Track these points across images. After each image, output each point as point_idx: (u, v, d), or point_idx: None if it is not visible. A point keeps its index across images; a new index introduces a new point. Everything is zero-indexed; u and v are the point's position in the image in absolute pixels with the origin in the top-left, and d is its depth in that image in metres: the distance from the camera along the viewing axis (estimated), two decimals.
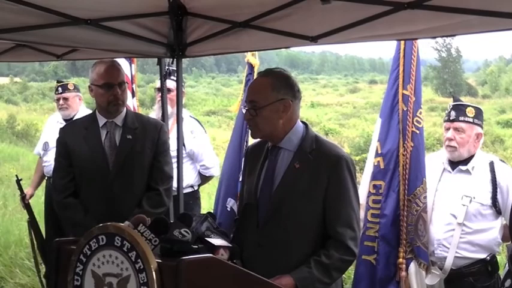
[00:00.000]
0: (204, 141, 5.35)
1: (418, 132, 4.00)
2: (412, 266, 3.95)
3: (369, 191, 4.06)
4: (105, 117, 3.78)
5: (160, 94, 5.17)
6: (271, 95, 2.85)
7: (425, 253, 3.92)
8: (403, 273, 3.94)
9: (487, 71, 58.59)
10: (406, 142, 3.98)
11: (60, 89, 5.96)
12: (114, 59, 4.09)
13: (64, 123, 5.62)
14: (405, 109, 4.00)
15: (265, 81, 2.89)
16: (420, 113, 4.02)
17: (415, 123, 4.00)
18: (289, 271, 2.75)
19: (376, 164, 4.07)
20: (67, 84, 5.99)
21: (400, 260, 3.96)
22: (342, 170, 2.84)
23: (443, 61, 52.73)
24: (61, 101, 5.91)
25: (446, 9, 3.01)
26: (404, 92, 4.01)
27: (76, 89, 5.97)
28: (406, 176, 3.96)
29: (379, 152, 4.06)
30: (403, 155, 3.97)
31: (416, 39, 3.85)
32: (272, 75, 2.92)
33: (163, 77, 4.55)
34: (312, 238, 2.85)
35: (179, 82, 4.48)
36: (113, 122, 3.78)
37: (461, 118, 3.90)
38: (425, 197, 3.92)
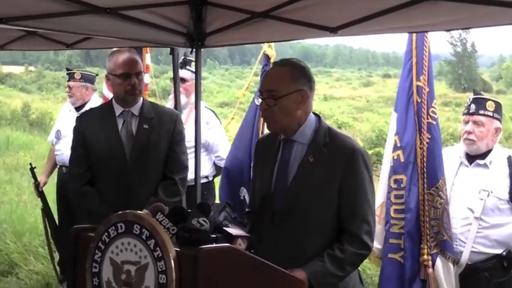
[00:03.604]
0: (219, 133, 5.34)
1: (434, 123, 3.93)
2: (439, 261, 3.87)
3: (390, 186, 3.96)
4: (121, 107, 3.79)
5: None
6: (290, 84, 2.79)
7: (452, 246, 3.86)
8: (430, 270, 3.84)
9: (503, 66, 58.22)
10: (422, 134, 3.92)
11: (67, 76, 6.06)
12: (131, 49, 4.09)
13: (75, 112, 5.68)
14: (419, 101, 3.95)
15: (284, 71, 2.83)
16: (435, 104, 3.98)
17: (431, 114, 3.94)
18: (304, 265, 2.72)
19: (396, 157, 3.97)
20: (74, 73, 6.04)
21: (425, 257, 3.86)
22: (357, 163, 2.79)
23: (458, 56, 52.48)
24: (67, 89, 6.05)
25: (467, 0, 2.98)
26: (418, 83, 3.96)
27: (83, 78, 5.98)
28: (425, 170, 3.90)
29: (398, 145, 3.98)
30: (420, 147, 3.93)
31: (437, 31, 3.81)
32: (290, 64, 2.86)
33: (177, 67, 4.55)
34: (327, 232, 2.81)
35: (198, 72, 4.47)
36: (130, 111, 3.79)
37: (481, 112, 3.86)
38: (446, 189, 3.88)
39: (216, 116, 5.45)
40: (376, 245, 3.88)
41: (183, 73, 5.31)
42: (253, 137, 4.69)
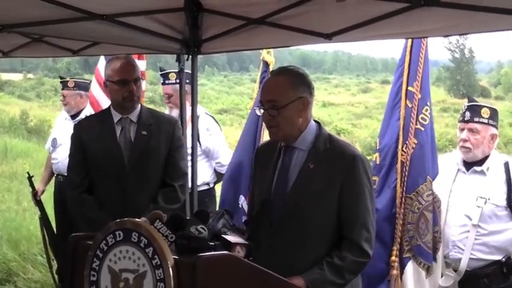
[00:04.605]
0: (219, 139, 5.33)
1: (423, 129, 3.97)
2: (410, 265, 3.90)
3: None
4: (119, 113, 3.78)
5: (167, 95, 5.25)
6: (291, 93, 2.79)
7: (427, 253, 3.88)
8: (395, 272, 3.90)
9: (501, 72, 58.39)
10: (408, 139, 3.95)
11: (61, 85, 6.06)
12: (129, 55, 4.09)
13: (71, 120, 5.67)
14: (410, 106, 3.98)
15: (283, 80, 2.83)
16: (426, 111, 4.00)
17: (420, 120, 3.97)
18: (303, 273, 2.71)
19: (373, 159, 4.07)
20: (67, 81, 6.04)
21: (393, 258, 3.91)
22: (357, 170, 2.79)
23: (456, 62, 52.57)
24: (61, 97, 6.05)
25: (462, 7, 2.98)
26: (410, 88, 4.00)
27: (77, 86, 5.97)
28: (406, 173, 3.93)
29: (377, 147, 4.09)
30: (404, 151, 3.94)
31: (433, 37, 3.83)
32: (289, 73, 2.86)
33: (181, 74, 4.54)
34: (326, 239, 2.80)
35: (194, 79, 4.47)
36: (128, 118, 3.78)
37: (476, 119, 3.87)
38: (428, 195, 3.89)
39: (216, 122, 5.44)
40: None
41: (166, 89, 5.32)
42: (255, 144, 4.69)
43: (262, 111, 2.86)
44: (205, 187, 5.21)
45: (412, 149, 3.93)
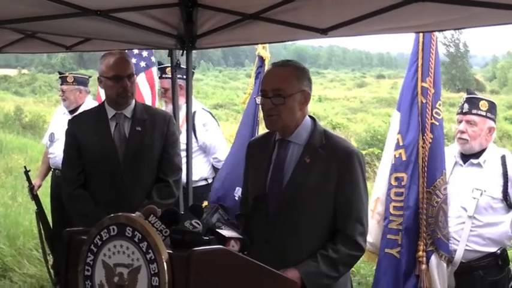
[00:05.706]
0: (216, 134, 5.31)
1: (437, 124, 3.99)
2: (433, 258, 3.91)
3: (390, 184, 4.03)
4: (114, 109, 3.77)
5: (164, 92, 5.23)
6: (296, 84, 2.84)
7: (446, 245, 3.89)
8: (424, 267, 3.90)
9: (497, 65, 58.53)
10: (425, 134, 3.96)
11: (60, 80, 6.03)
12: (123, 51, 4.08)
13: (69, 115, 5.67)
14: (424, 101, 3.99)
15: (288, 71, 2.86)
16: (440, 105, 4.01)
17: (435, 115, 3.99)
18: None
19: (397, 156, 4.03)
20: (66, 76, 6.02)
21: (420, 253, 3.91)
22: (353, 166, 2.82)
23: (451, 56, 52.72)
24: (60, 93, 6.02)
25: (458, 1, 2.99)
26: (423, 84, 4.00)
27: (76, 81, 5.95)
28: (425, 169, 3.94)
29: (401, 144, 4.03)
30: (422, 147, 3.96)
31: (428, 32, 3.83)
32: (293, 65, 2.90)
33: (175, 69, 4.53)
34: (322, 233, 2.83)
35: (189, 74, 4.47)
36: (122, 113, 3.77)
37: (474, 111, 3.89)
38: (445, 189, 3.91)
39: (213, 117, 5.43)
40: (369, 239, 3.94)
41: (163, 83, 5.31)
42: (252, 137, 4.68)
43: (261, 99, 2.87)
44: (204, 182, 5.21)
45: (429, 143, 3.95)
